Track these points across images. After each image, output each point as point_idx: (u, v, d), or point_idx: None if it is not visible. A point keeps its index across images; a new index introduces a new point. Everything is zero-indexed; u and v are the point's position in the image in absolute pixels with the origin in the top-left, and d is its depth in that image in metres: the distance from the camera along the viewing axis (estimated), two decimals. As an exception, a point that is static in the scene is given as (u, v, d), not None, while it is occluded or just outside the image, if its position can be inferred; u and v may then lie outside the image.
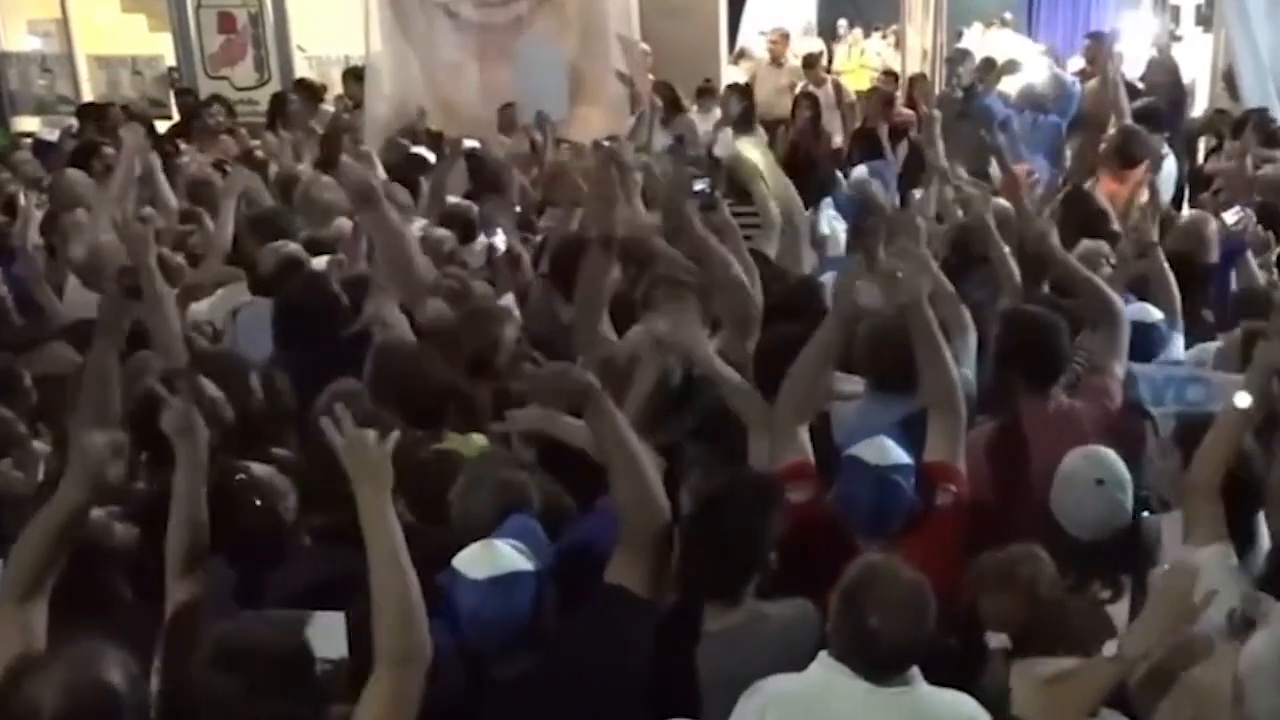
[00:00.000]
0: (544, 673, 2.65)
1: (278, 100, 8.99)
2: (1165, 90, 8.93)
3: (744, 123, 8.37)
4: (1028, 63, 10.08)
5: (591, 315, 4.17)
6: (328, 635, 2.60)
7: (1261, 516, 3.19)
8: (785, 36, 11.62)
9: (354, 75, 9.41)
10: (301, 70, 10.74)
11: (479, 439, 3.76)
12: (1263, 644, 2.40)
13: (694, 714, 2.73)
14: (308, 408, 3.66)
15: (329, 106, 9.24)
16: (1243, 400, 3.02)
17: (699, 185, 5.40)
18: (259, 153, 8.04)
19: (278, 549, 3.15)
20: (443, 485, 3.16)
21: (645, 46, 9.28)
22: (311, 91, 9.39)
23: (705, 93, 9.50)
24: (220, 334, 4.88)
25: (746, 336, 4.03)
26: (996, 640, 2.80)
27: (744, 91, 9.18)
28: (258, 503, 3.16)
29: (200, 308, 4.99)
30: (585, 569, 2.85)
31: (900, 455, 3.18)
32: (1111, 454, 3.26)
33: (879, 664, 2.54)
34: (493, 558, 2.61)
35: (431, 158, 7.12)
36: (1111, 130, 7.66)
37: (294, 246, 5.10)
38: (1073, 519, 3.18)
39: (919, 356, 3.38)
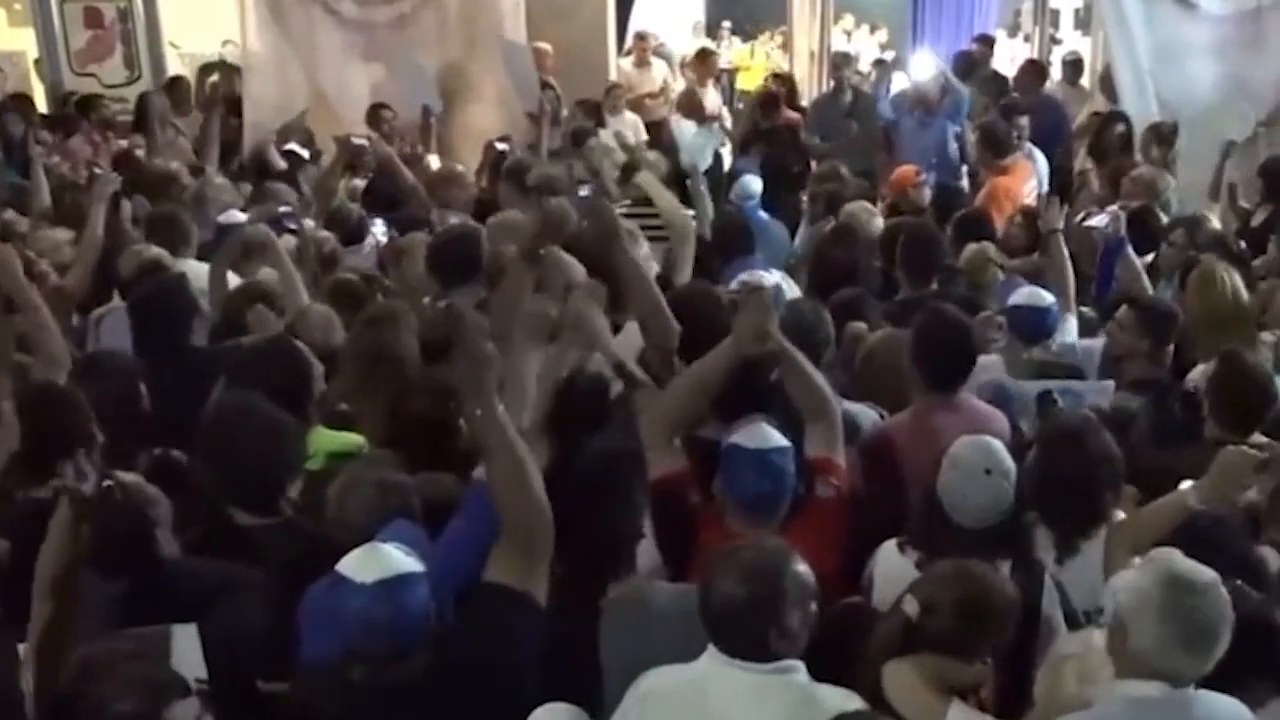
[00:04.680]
0: (433, 675, 2.61)
1: (144, 101, 8.71)
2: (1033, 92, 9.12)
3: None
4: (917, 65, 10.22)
5: (508, 325, 4.07)
6: (187, 652, 2.54)
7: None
8: (646, 38, 11.62)
9: (216, 70, 9.18)
10: (174, 68, 10.44)
11: (353, 437, 3.73)
12: (1142, 577, 2.48)
13: (594, 690, 2.73)
14: (167, 414, 3.55)
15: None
16: (1192, 498, 3.06)
17: (583, 191, 5.41)
18: (139, 152, 7.78)
19: (149, 560, 3.04)
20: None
21: (546, 46, 9.24)
22: (184, 91, 9.12)
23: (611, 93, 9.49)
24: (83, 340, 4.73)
25: (668, 362, 4.03)
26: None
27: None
28: (128, 512, 3.04)
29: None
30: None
31: (779, 439, 3.23)
32: (998, 443, 3.30)
33: (725, 633, 2.55)
34: (380, 561, 2.55)
35: (305, 154, 7.00)
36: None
37: (156, 251, 4.94)
38: (959, 506, 3.21)
39: (787, 378, 3.50)
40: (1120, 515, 3.35)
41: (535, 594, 2.80)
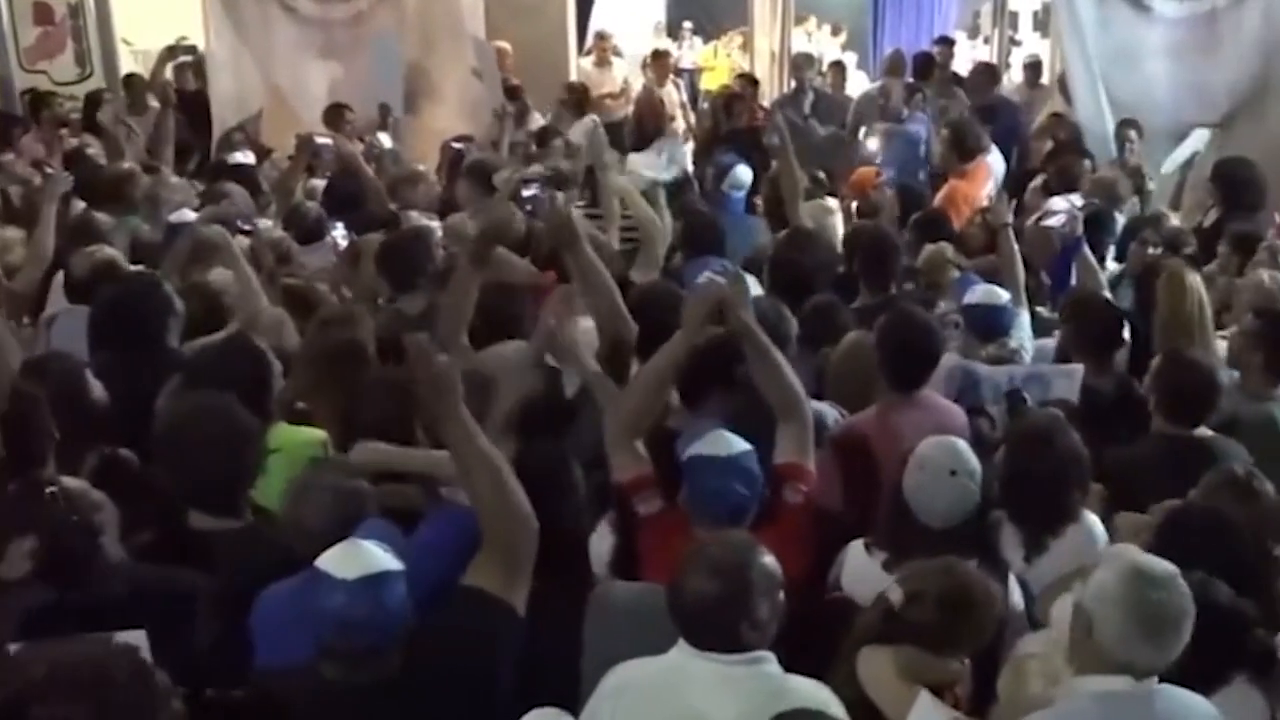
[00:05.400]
0: (406, 675, 2.59)
1: (93, 100, 8.58)
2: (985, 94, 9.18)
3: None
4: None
5: (455, 328, 4.15)
6: None
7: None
8: (607, 38, 11.61)
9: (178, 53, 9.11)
10: (127, 65, 10.27)
11: (315, 432, 3.71)
12: (1106, 576, 2.52)
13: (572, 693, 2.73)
14: (127, 416, 3.50)
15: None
16: None
17: (529, 191, 5.39)
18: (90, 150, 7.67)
19: (93, 568, 2.95)
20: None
21: (506, 45, 9.20)
22: (139, 89, 9.00)
23: (569, 104, 9.43)
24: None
25: (624, 359, 4.04)
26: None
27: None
28: (74, 518, 2.96)
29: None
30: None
31: (741, 443, 3.21)
32: (964, 444, 3.33)
33: (697, 628, 2.56)
34: (361, 557, 2.54)
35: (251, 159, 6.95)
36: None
37: (110, 251, 4.88)
38: (925, 506, 3.23)
39: (757, 374, 3.47)
40: (1089, 514, 3.38)
41: (515, 602, 2.80)
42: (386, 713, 2.59)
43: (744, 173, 6.70)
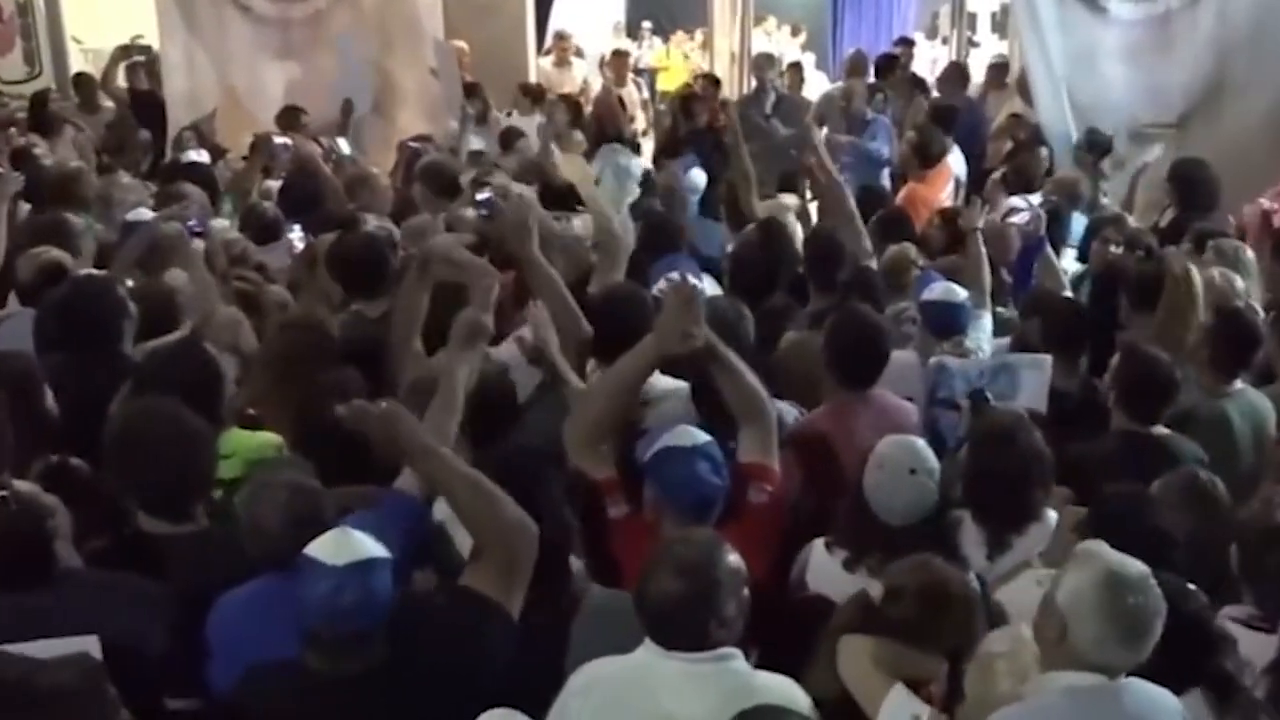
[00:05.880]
0: (390, 668, 2.60)
1: (39, 100, 8.46)
2: (956, 93, 9.23)
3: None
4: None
5: (407, 335, 4.12)
6: None
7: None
8: (566, 38, 11.58)
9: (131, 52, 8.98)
10: (78, 64, 10.15)
11: (269, 436, 3.69)
12: (1081, 579, 2.55)
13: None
14: (79, 420, 3.47)
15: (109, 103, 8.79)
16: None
17: (482, 195, 5.36)
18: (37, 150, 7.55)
19: (44, 572, 2.91)
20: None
21: (463, 45, 9.15)
22: (90, 89, 8.88)
23: (528, 94, 9.39)
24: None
25: (581, 358, 4.06)
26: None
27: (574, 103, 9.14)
28: (23, 524, 2.91)
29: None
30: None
31: (705, 435, 3.22)
32: (922, 443, 3.36)
33: (665, 629, 2.57)
34: (351, 544, 2.56)
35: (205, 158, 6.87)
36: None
37: (56, 254, 4.80)
38: (884, 505, 3.25)
39: (719, 380, 3.45)
40: (1051, 512, 3.40)
41: (512, 607, 2.81)
42: (369, 704, 2.58)
43: (697, 176, 6.67)
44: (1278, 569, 3.00)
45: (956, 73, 9.71)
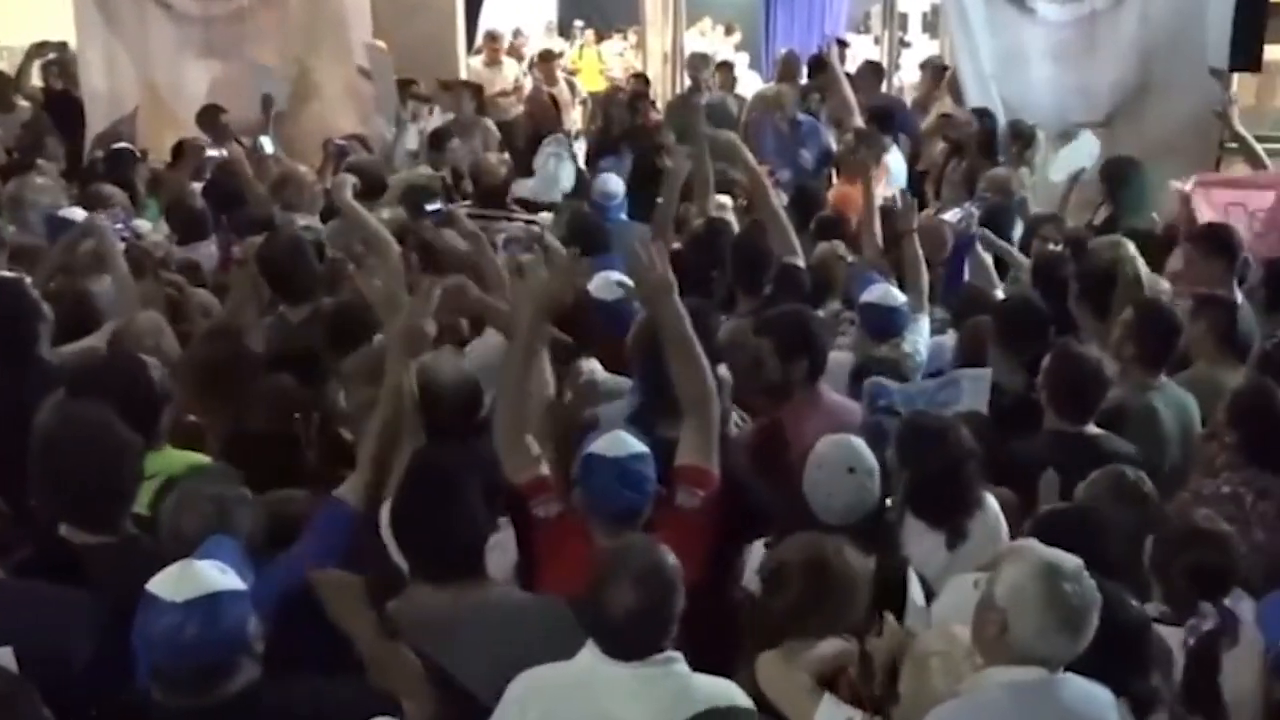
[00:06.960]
0: (247, 702, 2.50)
1: None
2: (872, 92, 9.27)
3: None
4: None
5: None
6: None
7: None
8: (497, 38, 11.53)
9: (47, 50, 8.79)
10: (-9, 62, 9.95)
11: (197, 457, 3.61)
12: (1019, 573, 2.61)
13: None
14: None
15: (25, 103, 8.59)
16: None
17: (432, 205, 5.34)
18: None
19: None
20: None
21: (380, 44, 9.05)
22: (4, 88, 8.67)
23: (447, 88, 9.31)
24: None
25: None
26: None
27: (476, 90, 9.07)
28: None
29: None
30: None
31: (637, 445, 3.20)
32: (861, 442, 3.38)
33: (620, 640, 2.58)
34: (193, 578, 2.48)
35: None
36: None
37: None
38: (823, 505, 3.28)
39: (672, 360, 3.38)
40: (993, 502, 3.45)
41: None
42: None
43: (609, 181, 6.65)
44: (1188, 571, 3.06)
45: (872, 72, 9.75)
